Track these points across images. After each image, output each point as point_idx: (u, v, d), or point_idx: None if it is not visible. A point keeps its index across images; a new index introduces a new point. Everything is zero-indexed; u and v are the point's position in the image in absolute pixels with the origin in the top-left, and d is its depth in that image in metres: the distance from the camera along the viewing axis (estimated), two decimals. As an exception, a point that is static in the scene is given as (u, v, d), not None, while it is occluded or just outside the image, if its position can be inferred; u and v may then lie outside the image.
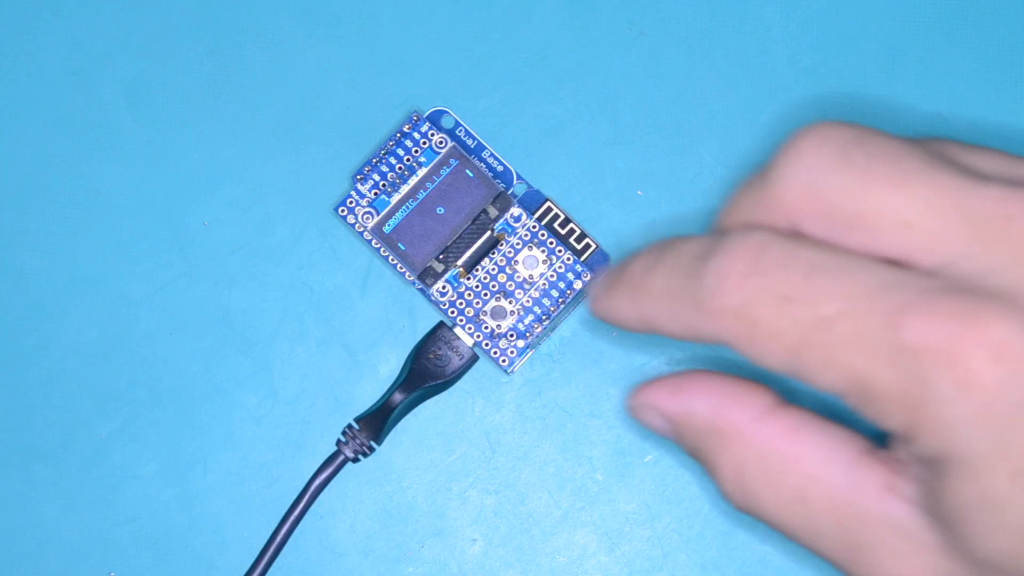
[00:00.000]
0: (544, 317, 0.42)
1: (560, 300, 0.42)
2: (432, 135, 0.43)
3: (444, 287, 0.43)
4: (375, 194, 0.43)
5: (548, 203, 0.43)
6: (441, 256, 0.43)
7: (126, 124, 0.45)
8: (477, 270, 0.43)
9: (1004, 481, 0.30)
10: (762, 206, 0.34)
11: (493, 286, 0.42)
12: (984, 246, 0.31)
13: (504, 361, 0.43)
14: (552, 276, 0.42)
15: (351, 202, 0.43)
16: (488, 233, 0.43)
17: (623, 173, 0.44)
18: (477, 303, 0.42)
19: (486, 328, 0.42)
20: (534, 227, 0.43)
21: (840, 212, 0.32)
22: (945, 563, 0.33)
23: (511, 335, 0.42)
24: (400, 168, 0.43)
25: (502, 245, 0.43)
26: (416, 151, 0.43)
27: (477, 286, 0.43)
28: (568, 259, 0.42)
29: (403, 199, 0.43)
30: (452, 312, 0.43)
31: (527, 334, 0.42)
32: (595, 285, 0.37)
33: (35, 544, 0.43)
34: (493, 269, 0.42)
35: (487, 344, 0.42)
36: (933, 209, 0.31)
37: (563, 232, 0.43)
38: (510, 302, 0.42)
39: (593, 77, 0.44)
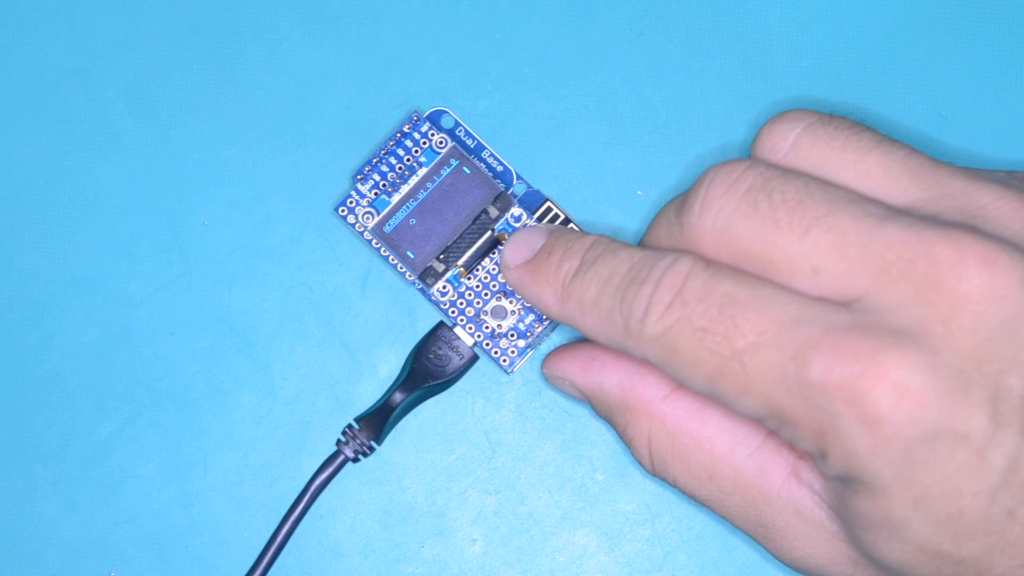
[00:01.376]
0: (545, 317, 0.42)
1: (560, 300, 0.42)
2: (432, 135, 0.43)
3: (444, 287, 0.43)
4: (375, 194, 0.43)
5: (548, 203, 0.43)
6: (442, 256, 0.43)
7: (126, 124, 0.45)
8: (477, 270, 0.43)
9: (904, 504, 0.32)
10: (681, 247, 0.35)
11: (494, 286, 0.42)
12: (888, 285, 0.32)
13: (505, 361, 0.43)
14: (552, 276, 0.42)
15: (351, 202, 0.43)
16: (489, 233, 0.43)
17: (623, 173, 0.44)
18: (478, 303, 0.42)
19: (487, 328, 0.42)
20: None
21: (754, 257, 0.33)
22: (847, 550, 0.34)
23: (512, 335, 0.42)
24: (400, 168, 0.43)
25: (503, 245, 0.43)
26: (416, 151, 0.43)
27: (478, 286, 0.43)
28: (568, 259, 0.42)
29: (403, 199, 0.43)
30: (452, 312, 0.43)
31: (528, 334, 0.42)
32: (515, 252, 0.38)
33: (35, 544, 0.43)
34: (494, 269, 0.42)
35: (487, 344, 0.42)
36: (838, 254, 0.32)
37: (563, 232, 0.43)
38: (511, 302, 0.42)
39: (593, 77, 0.44)
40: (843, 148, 0.34)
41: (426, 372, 0.42)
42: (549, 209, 0.43)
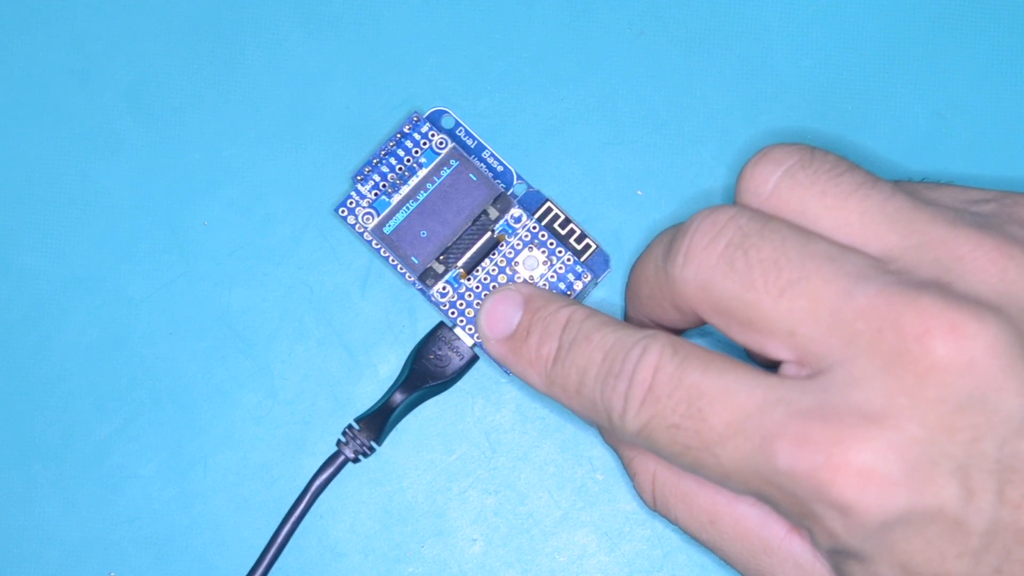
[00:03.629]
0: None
1: (560, 300, 0.42)
2: (432, 136, 0.43)
3: (444, 288, 0.43)
4: (375, 195, 0.43)
5: (548, 203, 0.43)
6: (441, 257, 0.43)
7: (126, 124, 0.45)
8: (477, 271, 0.43)
9: (892, 570, 0.32)
10: (666, 292, 0.35)
11: (493, 287, 0.42)
12: (857, 356, 0.32)
13: (504, 361, 0.43)
14: (552, 277, 0.42)
15: (351, 203, 0.43)
16: (488, 234, 0.43)
17: (623, 173, 0.44)
18: (477, 304, 0.42)
19: (486, 328, 0.42)
20: (534, 228, 0.43)
21: (733, 314, 0.34)
22: None
23: (511, 335, 0.42)
24: (400, 169, 0.43)
25: (502, 246, 0.43)
26: (416, 152, 0.43)
27: (477, 287, 0.43)
28: (568, 260, 0.42)
29: (403, 200, 0.43)
30: (452, 313, 0.43)
31: (527, 335, 0.42)
32: (493, 325, 0.39)
33: (35, 544, 0.43)
34: (493, 270, 0.42)
35: (487, 344, 0.43)
36: (811, 319, 0.32)
37: (563, 232, 0.43)
38: (510, 303, 0.42)
39: (593, 77, 0.44)
40: (822, 194, 0.34)
41: (426, 372, 0.42)
42: (549, 209, 0.43)
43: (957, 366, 0.31)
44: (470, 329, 0.42)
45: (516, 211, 0.43)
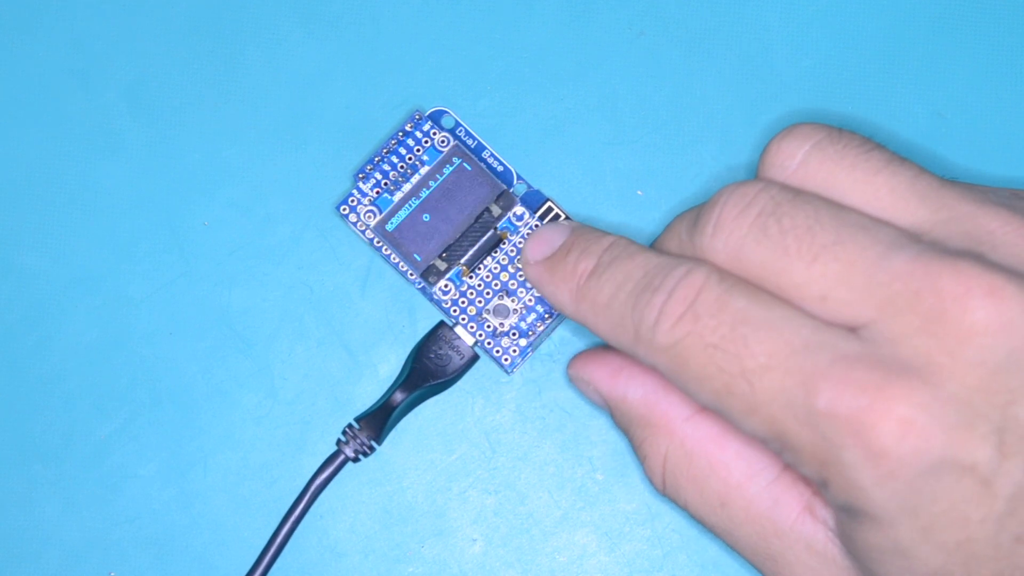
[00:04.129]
0: (547, 315, 0.42)
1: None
2: (435, 134, 0.43)
3: (446, 286, 0.43)
4: (377, 193, 0.43)
5: (549, 203, 0.43)
6: (444, 254, 0.43)
7: (126, 124, 0.45)
8: (480, 268, 0.43)
9: (912, 533, 0.32)
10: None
11: (496, 284, 0.42)
12: (894, 316, 0.32)
13: (506, 360, 0.43)
14: (554, 275, 0.42)
15: (353, 200, 0.43)
16: (491, 232, 0.43)
17: (623, 173, 0.44)
18: (479, 301, 0.43)
19: (488, 326, 0.42)
20: (536, 226, 0.43)
21: (765, 282, 0.33)
22: None
23: (513, 334, 0.42)
24: (402, 167, 0.43)
25: (505, 244, 0.43)
26: (418, 150, 0.43)
27: (479, 284, 0.43)
28: (570, 258, 0.42)
29: (406, 197, 0.43)
30: (454, 311, 0.43)
31: (529, 332, 0.42)
32: (536, 248, 0.38)
33: (35, 544, 0.43)
34: (496, 268, 0.43)
35: (489, 343, 0.43)
36: (845, 283, 0.32)
37: (564, 232, 0.43)
38: (512, 300, 0.42)
39: (593, 77, 0.44)
40: (851, 168, 0.34)
41: (426, 372, 0.42)
42: (550, 209, 0.43)
43: (996, 328, 0.31)
44: (471, 327, 0.42)
45: (519, 208, 0.43)
